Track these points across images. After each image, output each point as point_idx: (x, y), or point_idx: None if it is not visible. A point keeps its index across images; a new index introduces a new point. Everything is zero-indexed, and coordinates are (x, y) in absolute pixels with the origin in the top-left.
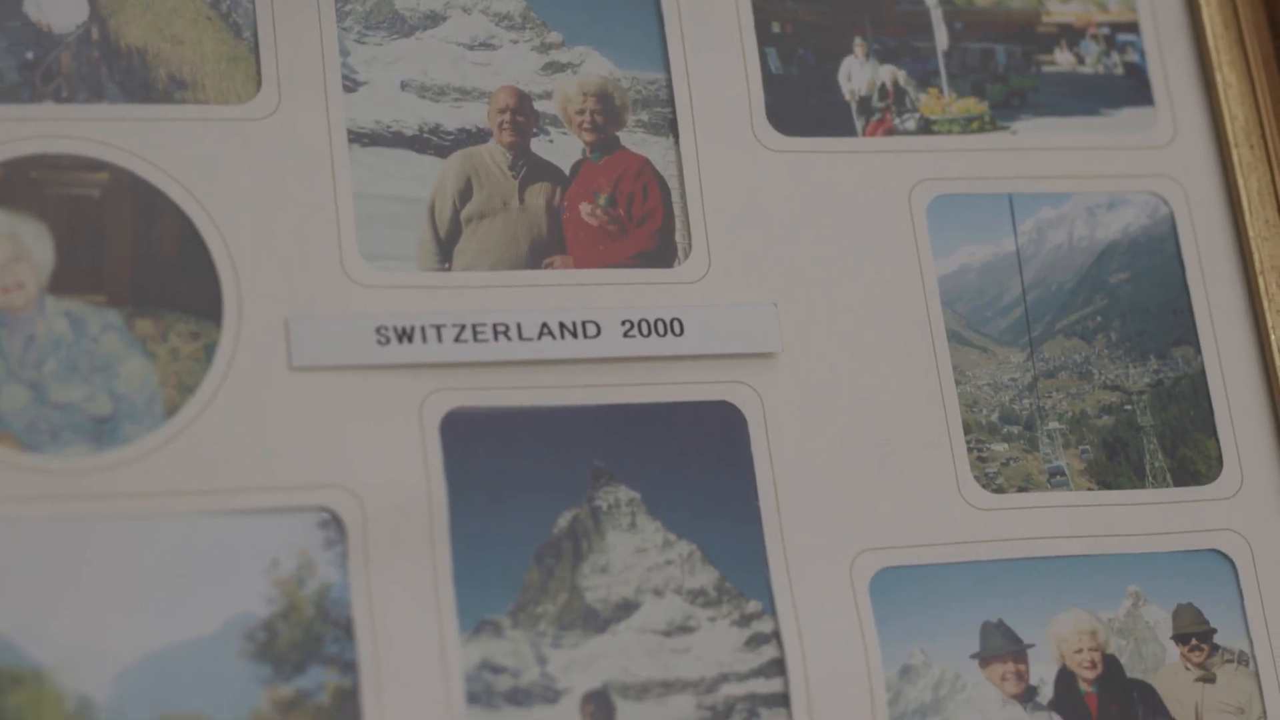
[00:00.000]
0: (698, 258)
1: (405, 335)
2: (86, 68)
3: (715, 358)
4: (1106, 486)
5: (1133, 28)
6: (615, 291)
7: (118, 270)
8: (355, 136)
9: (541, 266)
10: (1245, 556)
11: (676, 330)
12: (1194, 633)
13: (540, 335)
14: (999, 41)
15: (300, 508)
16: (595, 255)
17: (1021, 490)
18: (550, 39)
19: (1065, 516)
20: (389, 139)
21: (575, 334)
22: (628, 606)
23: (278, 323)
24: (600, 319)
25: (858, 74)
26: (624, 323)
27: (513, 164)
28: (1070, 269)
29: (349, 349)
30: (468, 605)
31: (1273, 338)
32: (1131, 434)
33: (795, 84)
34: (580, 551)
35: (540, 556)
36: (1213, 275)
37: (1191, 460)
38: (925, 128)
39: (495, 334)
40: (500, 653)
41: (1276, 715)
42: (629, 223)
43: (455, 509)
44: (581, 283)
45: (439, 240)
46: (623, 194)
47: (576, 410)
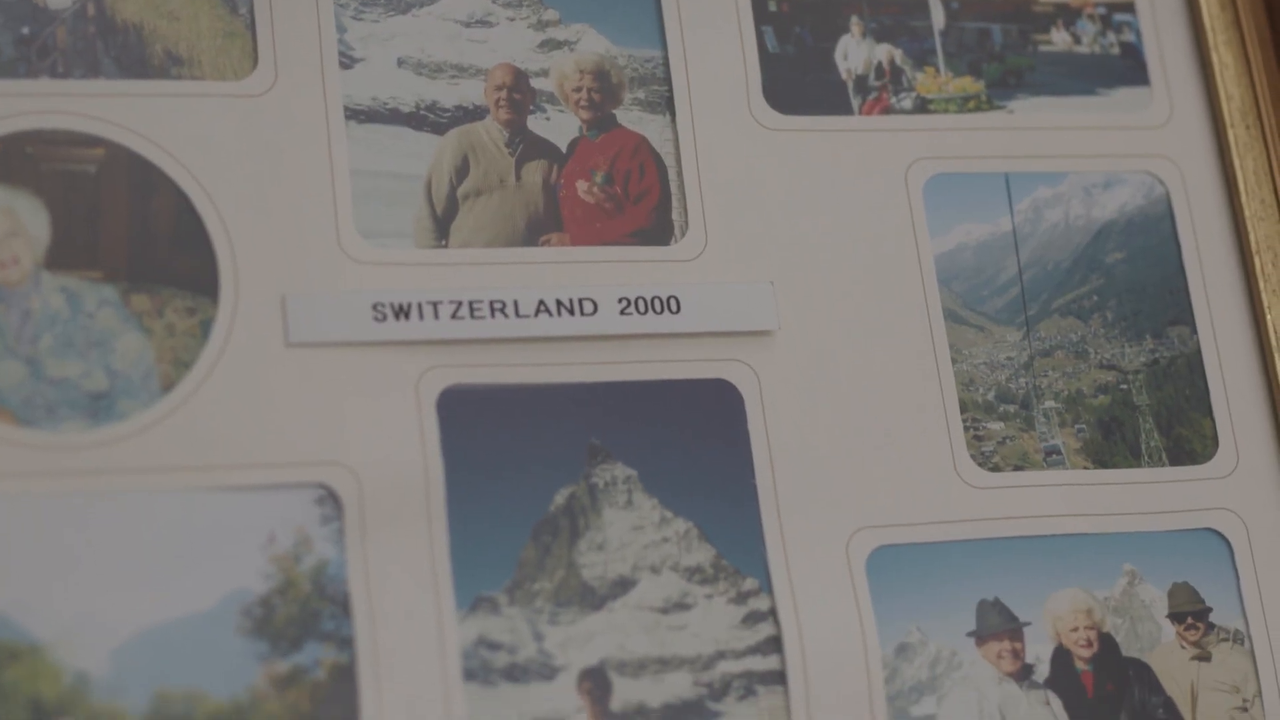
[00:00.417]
0: (694, 236)
1: (402, 312)
2: (82, 43)
3: (712, 335)
4: (1102, 465)
5: (1129, 8)
6: (612, 269)
7: (114, 246)
8: (352, 113)
9: (538, 244)
10: (1241, 535)
11: (673, 308)
12: (1189, 611)
13: (537, 312)
14: (995, 21)
15: (297, 484)
16: (592, 233)
17: (1017, 469)
18: (547, 16)
19: (1061, 495)
20: (386, 116)
21: (572, 311)
22: (624, 584)
23: (274, 299)
24: (597, 296)
25: (854, 53)
26: (621, 300)
27: (509, 141)
28: (1066, 248)
29: (345, 325)
30: (464, 582)
31: (1268, 317)
32: (1127, 413)
33: (792, 63)
34: (577, 529)
35: (537, 533)
36: (1208, 255)
37: (1187, 439)
38: (922, 107)
39: (492, 311)
40: (497, 630)
41: (1271, 693)
42: (626, 200)
43: (452, 486)
44: (578, 260)
45: (436, 217)
46: (619, 172)
47: (573, 387)
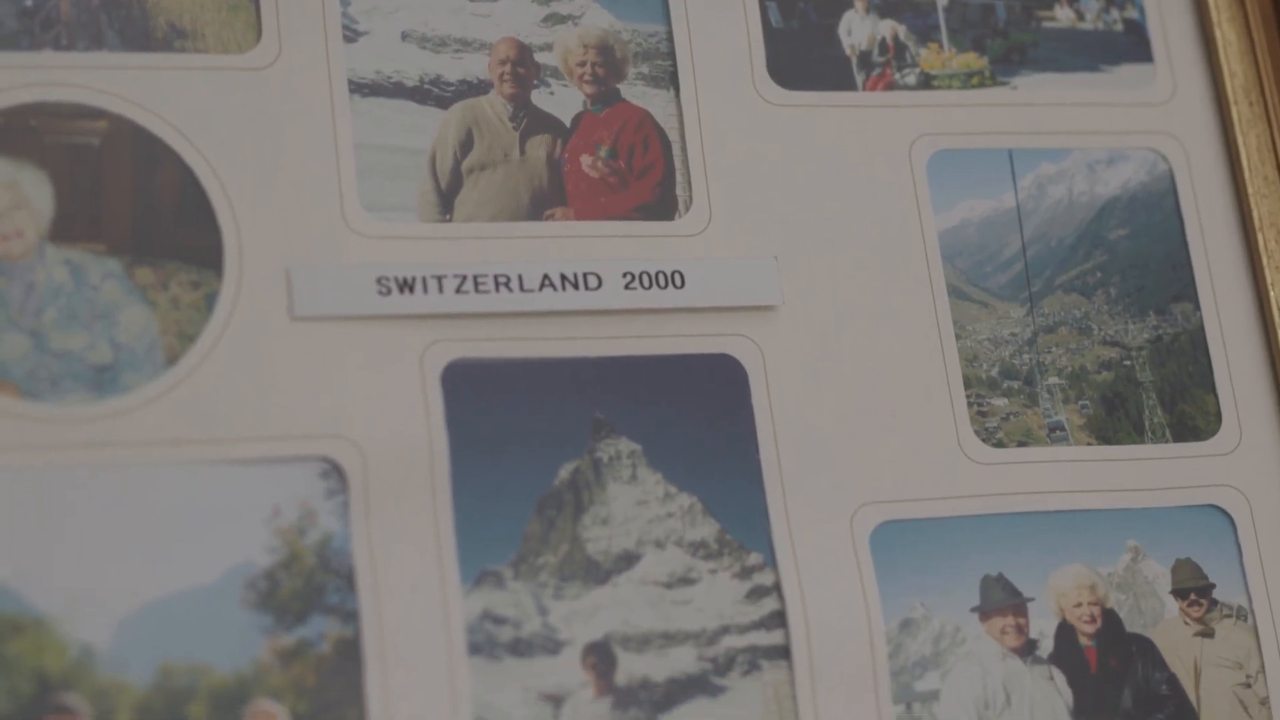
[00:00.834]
0: (698, 211)
1: (406, 286)
2: (86, 15)
3: (716, 310)
4: (1106, 442)
5: None
6: (616, 244)
7: (118, 219)
8: (356, 87)
9: (542, 218)
10: (1244, 512)
11: (677, 283)
12: (1193, 588)
13: (541, 287)
14: None
15: (301, 457)
16: (596, 207)
17: (1021, 445)
18: None
19: (1065, 471)
20: (389, 89)
21: (576, 286)
22: (629, 558)
23: (278, 272)
24: (601, 271)
25: (858, 28)
26: (625, 275)
27: (513, 115)
28: (1070, 224)
29: (350, 299)
30: (469, 556)
31: (1271, 294)
32: (1131, 389)
33: (796, 38)
34: (581, 503)
35: (541, 508)
36: (1212, 232)
37: (1190, 416)
38: (925, 83)
39: (496, 285)
40: (502, 604)
41: (1274, 670)
42: (630, 175)
43: (456, 460)
44: (582, 234)
45: (440, 191)
46: (623, 146)
47: (577, 362)
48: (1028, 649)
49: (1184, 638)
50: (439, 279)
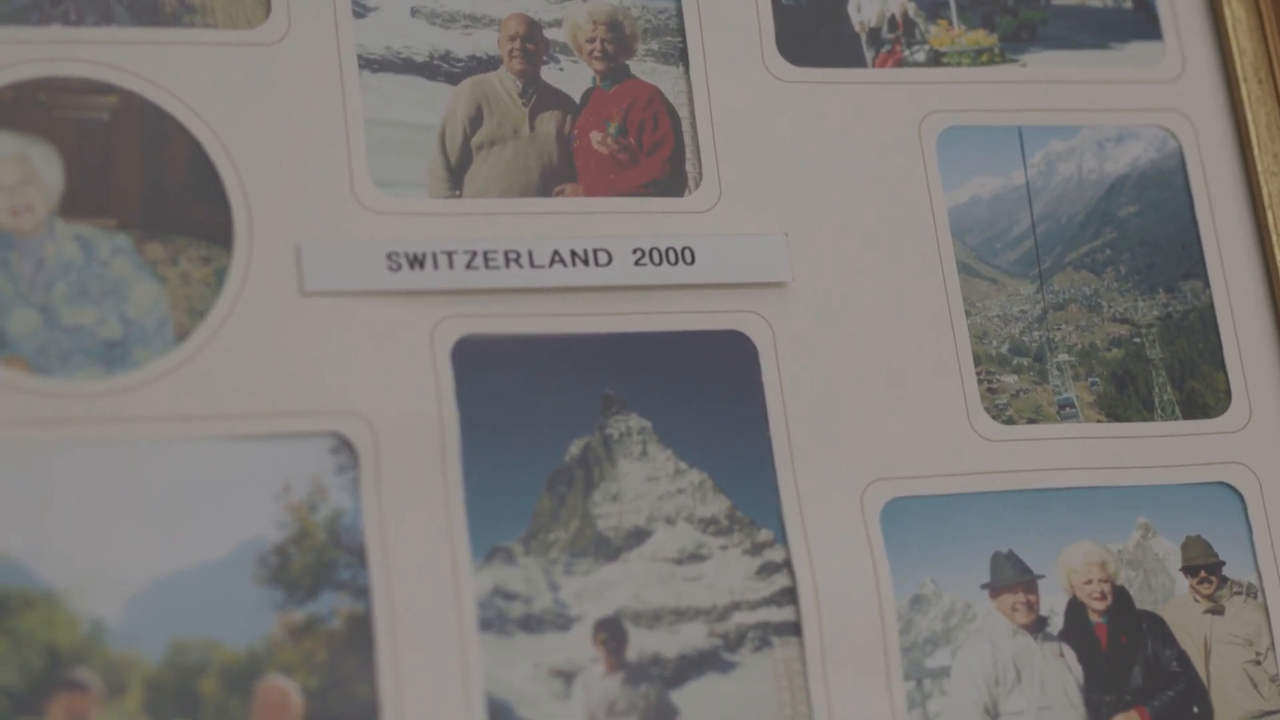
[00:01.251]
0: (708, 187)
1: (417, 261)
2: None
3: (726, 287)
4: (1116, 419)
5: None
6: (626, 220)
7: (127, 194)
8: (365, 62)
9: (552, 194)
10: (1254, 489)
11: (688, 259)
12: (1203, 565)
13: (551, 263)
14: None
15: (312, 433)
16: (606, 184)
17: (1031, 422)
18: None
19: (1075, 448)
20: (399, 65)
21: (586, 262)
22: (639, 534)
23: (289, 248)
24: (611, 247)
25: (867, 5)
26: (635, 251)
27: (523, 92)
28: (1079, 202)
29: (360, 275)
30: (480, 532)
31: None
32: (1140, 367)
33: (805, 14)
34: (592, 479)
35: (552, 484)
36: (1221, 209)
37: (1200, 393)
38: (935, 60)
39: (506, 261)
40: (512, 580)
41: None
42: (639, 152)
43: (467, 436)
44: (592, 211)
45: (449, 167)
46: (633, 123)
47: (588, 338)
48: (1038, 626)
49: (1194, 615)
50: (449, 255)
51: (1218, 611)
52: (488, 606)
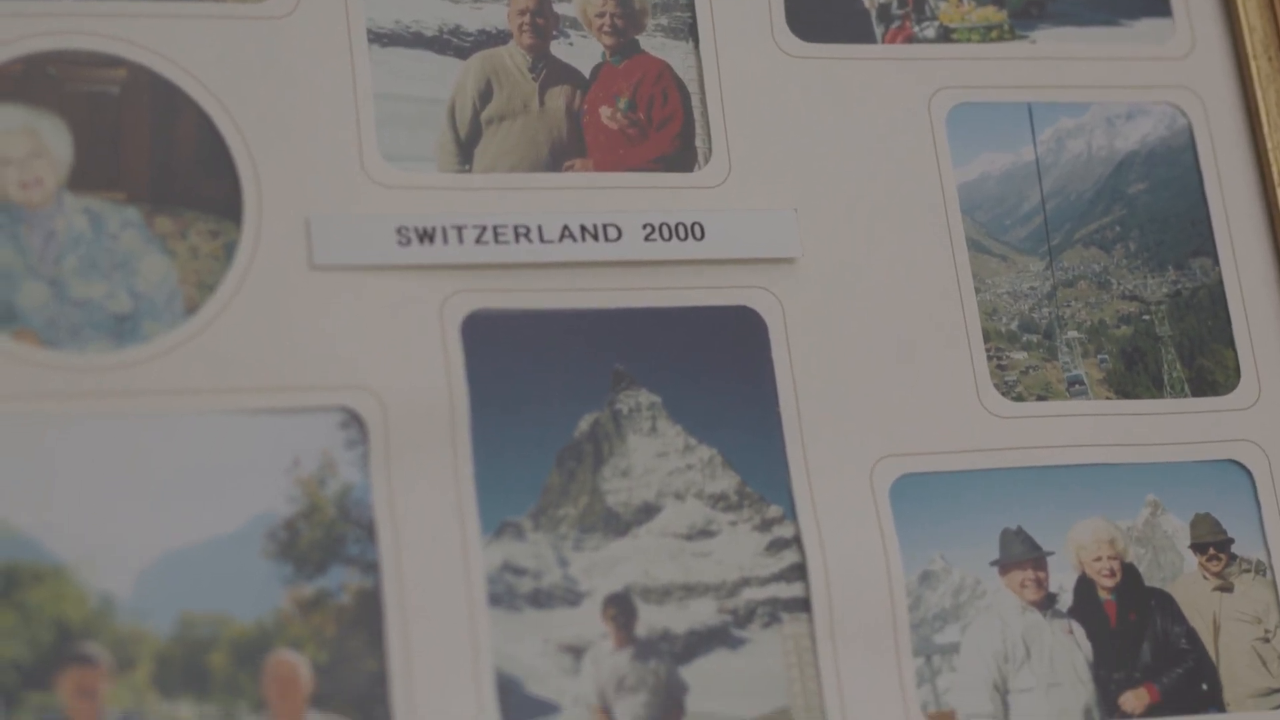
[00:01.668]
0: (718, 163)
1: (426, 236)
2: None
3: (736, 262)
4: (1125, 396)
5: None
6: (636, 195)
7: (136, 167)
8: (375, 36)
9: (562, 169)
10: (1263, 467)
11: (697, 235)
12: (1211, 542)
13: (561, 238)
14: None
15: (321, 407)
16: (615, 159)
17: (1041, 399)
18: None
19: (1084, 425)
20: (408, 39)
21: (596, 237)
22: (649, 510)
23: (298, 222)
24: (621, 222)
25: None
26: (645, 226)
27: (533, 66)
28: (1089, 179)
29: (370, 249)
30: (489, 507)
31: None
32: (1150, 344)
33: None
34: (601, 455)
35: (561, 459)
36: (1230, 187)
37: (1209, 370)
38: (945, 36)
39: (516, 236)
40: (522, 555)
41: None
42: (649, 127)
43: (476, 411)
44: (602, 186)
45: (459, 142)
46: (643, 98)
47: (597, 313)
48: (1047, 603)
49: (1203, 592)
50: (459, 229)
51: (1226, 589)
52: (497, 582)
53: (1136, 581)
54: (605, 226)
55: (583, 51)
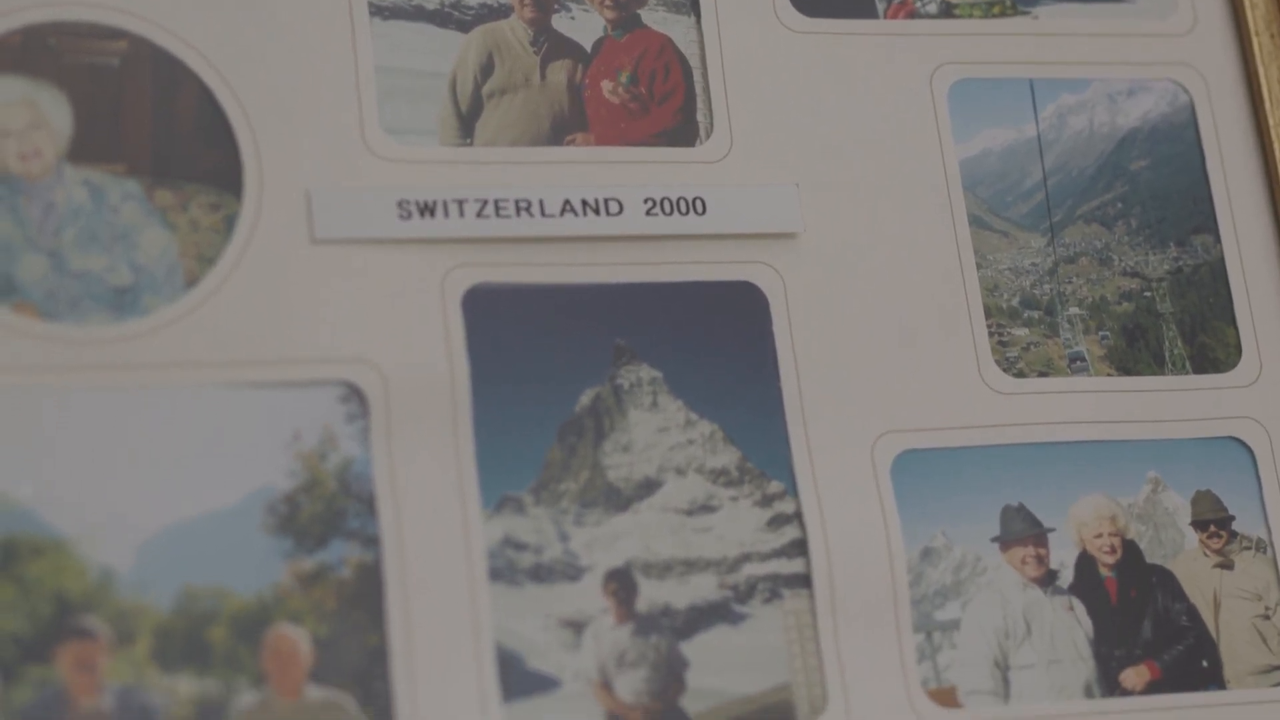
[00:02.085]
0: (719, 137)
1: (427, 210)
2: None
3: (737, 238)
4: (1126, 373)
5: None
6: (637, 169)
7: (137, 140)
8: (376, 9)
9: (563, 143)
10: (1264, 444)
11: (699, 209)
12: (1212, 519)
13: (562, 212)
14: None
15: (322, 381)
16: (617, 133)
17: (1042, 375)
18: None
19: (1085, 402)
20: (410, 12)
21: (597, 211)
22: (650, 485)
23: (299, 195)
24: (622, 197)
25: None
26: (646, 200)
27: (534, 40)
28: (1091, 155)
29: (371, 222)
30: (490, 481)
31: None
32: (1151, 320)
33: None
34: (602, 430)
35: (563, 434)
36: (1232, 163)
37: (1210, 347)
38: (947, 11)
39: (517, 210)
40: (523, 529)
41: None
42: (651, 101)
43: (477, 385)
44: (603, 160)
45: (460, 115)
46: (644, 72)
47: (598, 288)
48: (1048, 579)
49: (1204, 569)
50: (460, 203)
51: (1227, 566)
52: (498, 556)
53: (1137, 558)
54: (607, 201)
55: (584, 25)
